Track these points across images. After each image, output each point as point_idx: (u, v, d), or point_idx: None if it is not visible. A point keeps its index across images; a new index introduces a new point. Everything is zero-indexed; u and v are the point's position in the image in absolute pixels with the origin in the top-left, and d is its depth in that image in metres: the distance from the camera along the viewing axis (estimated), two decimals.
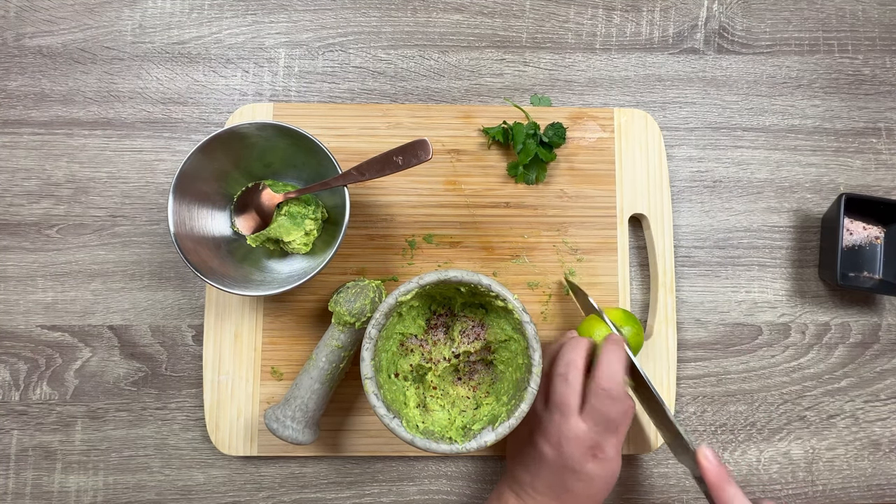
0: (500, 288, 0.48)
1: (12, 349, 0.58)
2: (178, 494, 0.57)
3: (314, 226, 0.55)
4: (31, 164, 0.60)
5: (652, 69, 0.63)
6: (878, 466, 0.59)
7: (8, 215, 0.59)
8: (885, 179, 0.63)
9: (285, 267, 0.56)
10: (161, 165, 0.60)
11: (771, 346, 0.60)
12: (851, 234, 0.61)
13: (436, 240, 0.59)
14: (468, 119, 0.60)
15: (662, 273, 0.58)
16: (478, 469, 0.58)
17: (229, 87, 0.62)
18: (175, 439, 0.57)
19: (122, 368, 0.58)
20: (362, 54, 0.63)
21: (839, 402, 0.60)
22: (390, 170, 0.50)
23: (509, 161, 0.60)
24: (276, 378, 0.56)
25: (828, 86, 0.64)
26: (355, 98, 0.62)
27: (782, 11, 0.65)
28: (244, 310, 0.57)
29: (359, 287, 0.53)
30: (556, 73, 0.63)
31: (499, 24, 0.64)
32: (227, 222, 0.56)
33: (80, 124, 0.61)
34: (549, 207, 0.59)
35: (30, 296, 0.58)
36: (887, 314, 0.61)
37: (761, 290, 0.61)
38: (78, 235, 0.59)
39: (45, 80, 0.61)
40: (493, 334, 0.53)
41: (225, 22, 0.63)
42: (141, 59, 0.62)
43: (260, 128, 0.52)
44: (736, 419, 0.59)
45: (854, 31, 0.65)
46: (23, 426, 0.57)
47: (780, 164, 0.63)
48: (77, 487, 0.56)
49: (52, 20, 0.62)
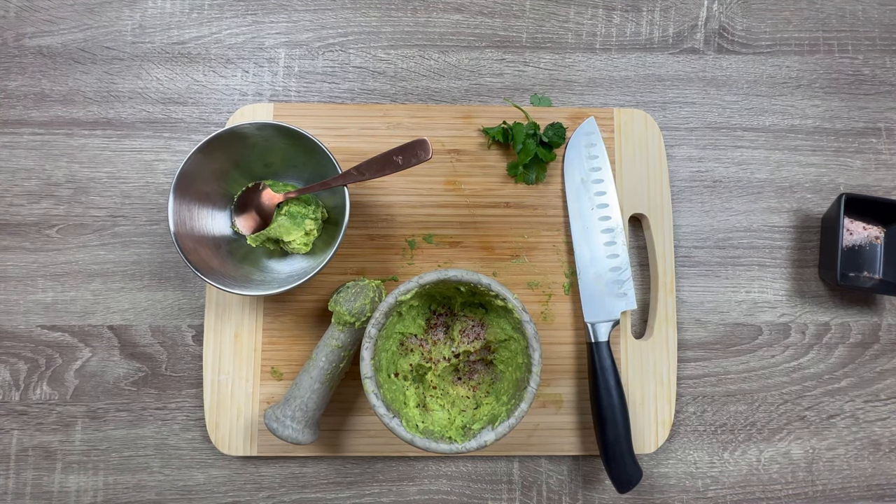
0: (499, 287, 0.48)
1: (12, 349, 0.58)
2: (178, 494, 0.57)
3: (314, 226, 0.55)
4: (31, 164, 0.60)
5: (652, 69, 0.63)
6: (878, 466, 0.59)
7: (8, 215, 0.59)
8: (885, 179, 0.63)
9: (285, 267, 0.56)
10: (161, 165, 0.60)
11: (771, 346, 0.60)
12: (851, 234, 0.61)
13: (436, 240, 0.59)
14: (468, 119, 0.60)
15: (662, 273, 0.58)
16: (478, 469, 0.58)
17: (229, 87, 0.62)
18: (175, 439, 0.57)
19: (122, 368, 0.58)
20: (362, 54, 0.63)
21: (839, 402, 0.60)
22: (390, 170, 0.50)
23: (509, 161, 0.60)
24: (276, 378, 0.56)
25: (828, 86, 0.64)
26: (355, 98, 0.62)
27: (782, 11, 0.65)
28: (244, 310, 0.57)
29: (359, 287, 0.53)
30: (556, 73, 0.63)
31: (499, 24, 0.64)
32: (227, 222, 0.56)
33: (80, 124, 0.61)
34: (549, 207, 0.59)
35: (30, 296, 0.58)
36: (887, 314, 0.61)
37: (761, 290, 0.61)
38: (78, 235, 0.59)
39: (45, 80, 0.61)
40: (492, 334, 0.53)
41: (225, 22, 0.63)
42: (141, 59, 0.62)
43: (260, 128, 0.52)
44: (736, 419, 0.59)
45: (854, 31, 0.65)
46: (23, 426, 0.57)
47: (780, 164, 0.62)
48: (77, 487, 0.56)
49: (52, 20, 0.62)
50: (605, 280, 0.57)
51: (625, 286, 0.57)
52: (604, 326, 0.56)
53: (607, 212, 0.58)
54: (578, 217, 0.58)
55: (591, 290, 0.57)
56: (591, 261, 0.58)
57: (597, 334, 0.56)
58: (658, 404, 0.57)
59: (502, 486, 0.58)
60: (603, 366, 0.55)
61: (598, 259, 0.58)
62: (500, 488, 0.57)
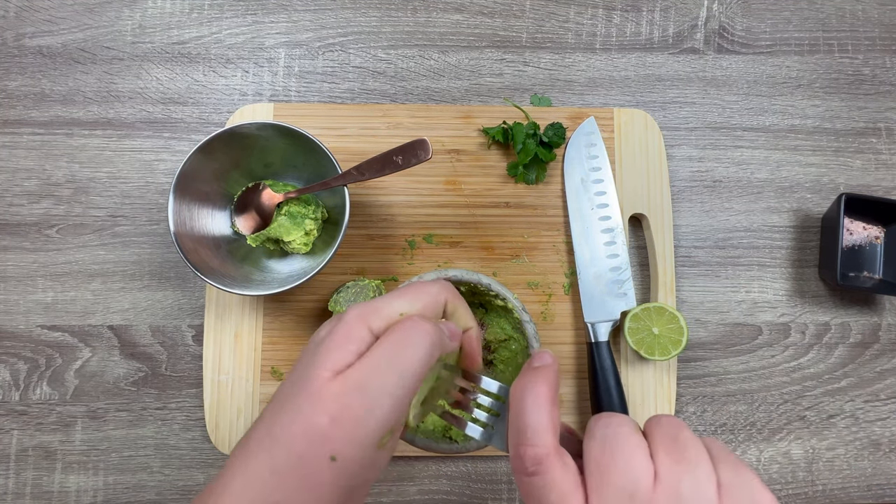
0: (499, 287, 0.48)
1: (12, 349, 0.58)
2: (178, 494, 0.57)
3: (314, 226, 0.55)
4: (31, 164, 0.60)
5: (652, 69, 0.63)
6: (878, 466, 0.59)
7: (8, 215, 0.59)
8: (885, 179, 0.63)
9: (285, 267, 0.56)
10: (161, 165, 0.60)
11: (771, 346, 0.60)
12: (851, 234, 0.61)
13: (436, 240, 0.59)
14: (468, 119, 0.60)
15: (662, 273, 0.58)
16: (478, 469, 0.58)
17: (229, 87, 0.62)
18: (175, 439, 0.57)
19: (122, 368, 0.58)
20: (362, 54, 0.63)
21: (839, 402, 0.60)
22: (390, 170, 0.50)
23: (509, 161, 0.60)
24: (276, 378, 0.56)
25: (828, 86, 0.64)
26: (355, 98, 0.62)
27: (782, 11, 0.65)
28: (244, 310, 0.57)
29: (359, 287, 0.53)
30: (556, 73, 0.63)
31: (499, 24, 0.64)
32: (227, 222, 0.56)
33: (80, 124, 0.61)
34: (549, 207, 0.59)
35: (30, 296, 0.58)
36: (887, 314, 0.61)
37: (761, 290, 0.61)
38: (78, 235, 0.59)
39: (45, 80, 0.61)
40: (492, 334, 0.53)
41: (225, 22, 0.63)
42: (141, 59, 0.62)
43: (260, 128, 0.52)
44: (736, 419, 0.59)
45: (854, 31, 0.65)
46: (23, 426, 0.57)
47: (780, 164, 0.62)
48: (77, 487, 0.56)
49: (52, 20, 0.62)
50: (604, 280, 0.57)
51: (625, 286, 0.57)
52: (604, 326, 0.56)
53: (607, 212, 0.58)
54: (578, 217, 0.58)
55: (591, 290, 0.57)
56: (591, 261, 0.58)
57: (597, 334, 0.56)
58: (658, 404, 0.57)
59: (502, 486, 0.58)
60: (603, 366, 0.55)
61: (598, 259, 0.58)
62: (500, 488, 0.57)
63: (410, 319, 0.31)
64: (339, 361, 0.29)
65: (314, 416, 0.28)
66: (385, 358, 0.29)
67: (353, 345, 0.30)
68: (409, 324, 0.31)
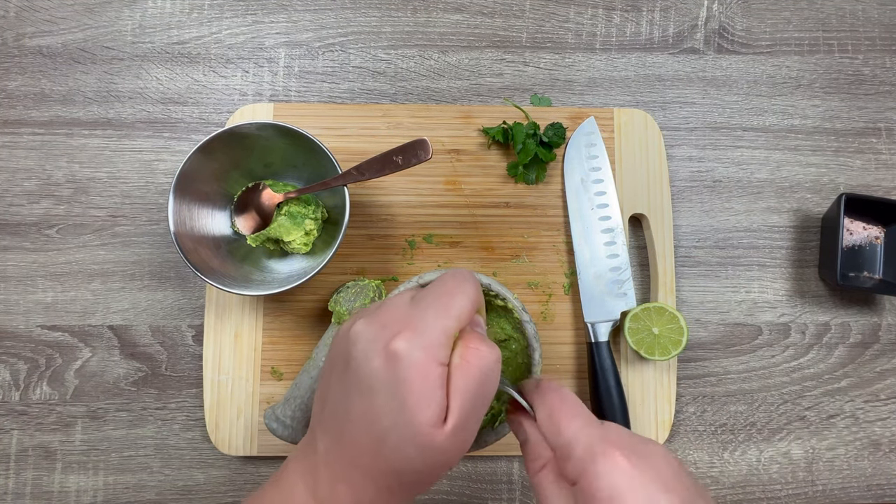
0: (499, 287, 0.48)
1: (12, 349, 0.58)
2: (178, 494, 0.57)
3: (314, 226, 0.55)
4: (31, 164, 0.60)
5: (652, 69, 0.63)
6: (878, 466, 0.59)
7: (8, 215, 0.59)
8: (885, 179, 0.63)
9: (285, 267, 0.56)
10: (161, 165, 0.60)
11: (771, 346, 0.60)
12: (851, 234, 0.61)
13: (436, 240, 0.59)
14: (468, 119, 0.60)
15: (662, 273, 0.58)
16: (478, 469, 0.58)
17: (229, 87, 0.62)
18: (175, 439, 0.57)
19: (122, 368, 0.58)
20: (362, 54, 0.63)
21: (839, 402, 0.60)
22: (390, 170, 0.50)
23: (509, 161, 0.60)
24: (276, 378, 0.56)
25: (828, 86, 0.64)
26: (355, 98, 0.62)
27: (782, 11, 0.65)
28: (244, 310, 0.57)
29: (359, 287, 0.53)
30: (556, 73, 0.63)
31: (499, 24, 0.64)
32: (227, 222, 0.56)
33: (80, 124, 0.61)
34: (549, 207, 0.59)
35: (30, 296, 0.58)
36: (887, 314, 0.61)
37: (761, 290, 0.61)
38: (78, 235, 0.59)
39: (45, 80, 0.61)
40: (492, 334, 0.53)
41: (225, 22, 0.63)
42: (141, 59, 0.62)
43: (260, 128, 0.52)
44: (736, 419, 0.59)
45: (854, 31, 0.65)
46: (23, 426, 0.57)
47: (780, 164, 0.62)
48: (77, 487, 0.56)
49: (52, 20, 0.62)
50: (604, 280, 0.57)
51: (625, 286, 0.57)
52: (604, 326, 0.56)
53: (607, 212, 0.58)
54: (578, 217, 0.58)
55: (591, 290, 0.57)
56: (591, 261, 0.58)
57: (597, 334, 0.56)
58: (658, 404, 0.57)
59: (502, 486, 0.58)
60: (603, 366, 0.55)
61: (598, 259, 0.58)
62: (500, 488, 0.57)
63: (479, 354, 0.33)
64: (435, 416, 0.31)
65: (435, 467, 0.32)
66: (471, 402, 0.32)
67: (439, 390, 0.31)
68: (483, 363, 0.33)
